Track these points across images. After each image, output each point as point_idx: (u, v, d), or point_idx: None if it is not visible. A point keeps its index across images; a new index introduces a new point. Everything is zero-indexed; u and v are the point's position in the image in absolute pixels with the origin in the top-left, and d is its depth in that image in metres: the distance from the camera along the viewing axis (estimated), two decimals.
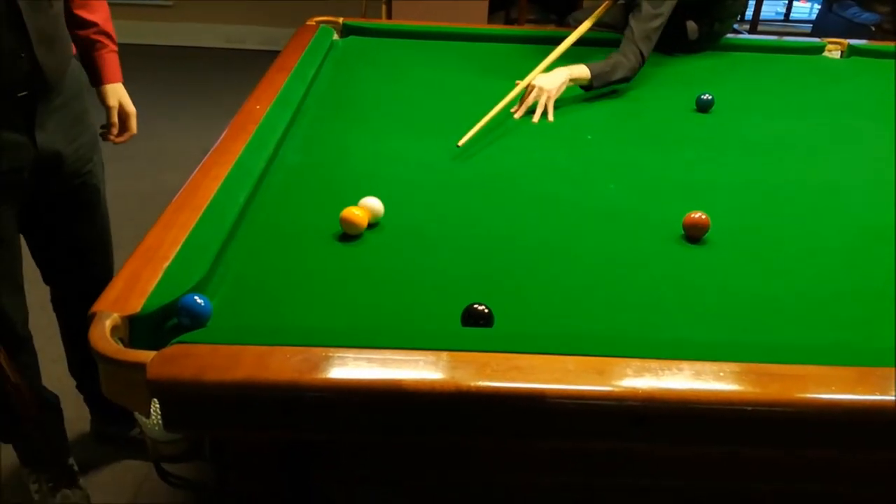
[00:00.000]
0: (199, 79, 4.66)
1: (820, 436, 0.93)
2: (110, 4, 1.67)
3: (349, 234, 1.28)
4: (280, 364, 0.90)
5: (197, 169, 1.38)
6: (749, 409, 0.90)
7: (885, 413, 0.90)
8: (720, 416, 0.91)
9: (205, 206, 1.25)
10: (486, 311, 1.03)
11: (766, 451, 0.97)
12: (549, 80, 1.87)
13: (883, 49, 2.43)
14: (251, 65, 2.88)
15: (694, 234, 1.30)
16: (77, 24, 1.58)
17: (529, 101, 1.87)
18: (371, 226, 1.31)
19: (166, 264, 1.09)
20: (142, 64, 4.75)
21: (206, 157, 1.43)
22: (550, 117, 1.84)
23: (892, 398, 0.90)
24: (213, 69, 4.79)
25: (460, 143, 1.62)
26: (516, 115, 1.85)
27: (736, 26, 5.11)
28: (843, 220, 1.42)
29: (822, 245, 1.33)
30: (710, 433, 0.92)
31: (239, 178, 1.37)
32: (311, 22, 2.41)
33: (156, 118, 4.11)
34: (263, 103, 1.71)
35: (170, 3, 4.86)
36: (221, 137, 1.53)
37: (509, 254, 1.27)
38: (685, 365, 0.93)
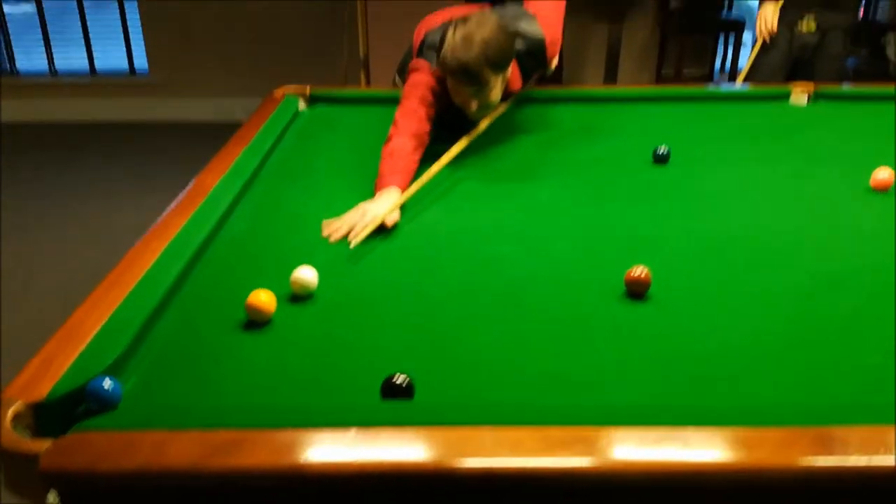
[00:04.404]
0: (187, 154, 4.70)
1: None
2: (92, 84, 1.66)
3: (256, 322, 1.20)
4: (179, 450, 0.86)
5: (134, 245, 1.37)
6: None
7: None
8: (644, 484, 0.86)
9: (136, 282, 1.23)
10: (405, 384, 0.99)
11: None
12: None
13: (849, 92, 2.43)
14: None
15: (636, 290, 1.26)
16: None
17: None
18: (305, 297, 1.28)
19: (83, 346, 1.06)
20: (130, 144, 4.82)
21: (146, 233, 1.42)
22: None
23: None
24: (201, 142, 4.83)
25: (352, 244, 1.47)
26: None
27: (716, 76, 5.18)
28: (794, 269, 1.38)
29: (770, 296, 1.29)
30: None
31: (176, 251, 1.35)
32: (277, 93, 2.43)
33: (139, 194, 4.15)
34: (215, 176, 1.71)
35: (154, 79, 4.95)
36: (166, 212, 1.52)
37: (447, 320, 1.23)
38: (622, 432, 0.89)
